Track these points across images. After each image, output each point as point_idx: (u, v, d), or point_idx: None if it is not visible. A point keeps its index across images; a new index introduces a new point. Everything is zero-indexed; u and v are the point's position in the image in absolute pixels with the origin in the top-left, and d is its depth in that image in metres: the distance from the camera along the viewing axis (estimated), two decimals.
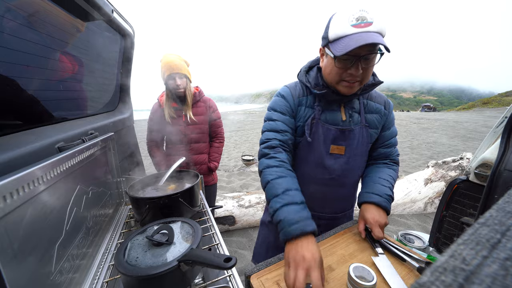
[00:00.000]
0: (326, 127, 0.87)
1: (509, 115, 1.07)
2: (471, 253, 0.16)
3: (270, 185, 0.76)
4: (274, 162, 0.81)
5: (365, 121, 0.91)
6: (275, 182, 0.76)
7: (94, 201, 0.81)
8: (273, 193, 0.74)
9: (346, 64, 0.74)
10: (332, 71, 0.79)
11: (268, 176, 0.78)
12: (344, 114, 0.88)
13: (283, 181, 0.76)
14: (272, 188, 0.75)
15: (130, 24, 1.29)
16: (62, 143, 0.78)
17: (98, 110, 1.27)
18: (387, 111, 0.95)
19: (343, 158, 0.90)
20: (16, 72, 0.69)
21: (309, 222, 0.68)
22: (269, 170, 0.79)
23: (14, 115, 0.70)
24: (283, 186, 0.75)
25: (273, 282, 0.66)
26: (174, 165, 1.10)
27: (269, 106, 0.93)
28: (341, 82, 0.79)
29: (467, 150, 5.67)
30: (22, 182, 0.44)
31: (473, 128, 10.79)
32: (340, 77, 0.78)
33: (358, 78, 0.76)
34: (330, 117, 0.87)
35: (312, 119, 0.87)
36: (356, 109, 0.90)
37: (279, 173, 0.78)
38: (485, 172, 1.22)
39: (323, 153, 0.88)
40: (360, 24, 0.69)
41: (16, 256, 0.42)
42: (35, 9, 0.72)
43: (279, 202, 0.72)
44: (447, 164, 3.06)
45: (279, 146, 0.85)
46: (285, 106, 0.89)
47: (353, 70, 0.74)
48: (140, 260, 0.58)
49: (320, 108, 0.87)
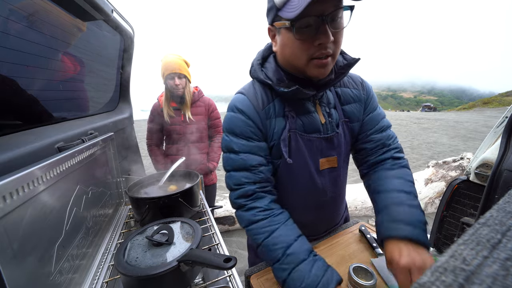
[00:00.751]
0: (306, 138, 0.66)
1: (509, 115, 1.07)
2: (471, 253, 0.16)
3: (265, 249, 0.60)
4: (257, 215, 0.62)
5: (344, 115, 0.72)
6: (269, 242, 0.59)
7: (94, 201, 0.81)
8: (273, 258, 0.58)
9: (310, 33, 0.54)
10: (295, 49, 0.57)
11: (257, 238, 0.61)
12: (322, 115, 0.68)
13: (277, 238, 0.59)
14: (268, 251, 0.59)
15: (130, 24, 1.29)
16: (62, 143, 0.78)
17: (98, 110, 1.27)
18: (365, 95, 0.75)
19: (336, 172, 0.73)
20: (16, 72, 0.69)
21: (330, 273, 0.55)
22: (255, 228, 0.61)
23: (14, 115, 0.70)
24: (281, 246, 0.58)
25: (273, 282, 0.66)
26: (174, 165, 1.10)
27: (226, 127, 0.66)
28: (311, 61, 0.57)
29: (467, 150, 5.66)
30: (22, 182, 0.44)
31: (473, 128, 10.78)
32: (308, 53, 0.56)
33: (329, 49, 0.56)
34: (307, 123, 0.66)
35: (288, 131, 0.64)
36: (331, 104, 0.70)
37: (267, 227, 0.60)
38: (486, 172, 1.21)
39: (312, 172, 0.68)
40: None
41: (16, 256, 0.42)
42: (35, 9, 0.72)
43: (285, 270, 0.56)
44: (447, 164, 3.06)
45: (256, 192, 0.63)
46: (248, 127, 0.64)
47: (322, 38, 0.53)
48: (140, 260, 0.58)
49: (293, 114, 0.65)
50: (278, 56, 0.66)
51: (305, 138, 0.66)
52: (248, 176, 0.63)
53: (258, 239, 0.61)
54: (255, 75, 0.69)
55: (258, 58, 0.70)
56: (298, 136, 0.65)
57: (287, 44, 0.59)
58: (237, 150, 0.64)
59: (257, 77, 0.68)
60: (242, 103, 0.65)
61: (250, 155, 0.63)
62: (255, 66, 0.69)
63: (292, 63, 0.62)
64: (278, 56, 0.66)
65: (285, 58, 0.63)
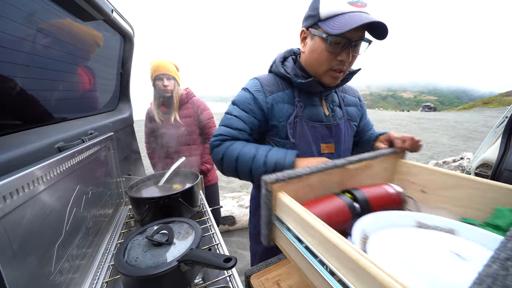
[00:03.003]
0: (311, 125, 0.79)
1: (509, 115, 1.07)
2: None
3: (241, 157, 0.72)
4: (230, 143, 0.76)
5: (347, 114, 0.87)
6: (246, 148, 0.72)
7: (94, 201, 0.81)
8: (251, 155, 0.71)
9: (338, 48, 0.66)
10: (321, 57, 0.70)
11: (233, 152, 0.73)
12: (326, 109, 0.82)
13: (250, 145, 0.74)
14: (246, 153, 0.72)
15: (130, 24, 1.29)
16: (62, 143, 0.78)
17: (98, 110, 1.27)
18: (362, 103, 0.96)
19: (334, 157, 0.81)
20: (16, 72, 0.69)
21: (289, 151, 0.70)
22: (232, 147, 0.74)
23: (14, 115, 0.70)
24: (254, 146, 0.73)
25: (273, 282, 0.66)
26: (173, 165, 1.10)
27: (233, 100, 0.83)
28: (329, 72, 0.72)
29: (467, 150, 5.66)
30: (22, 182, 0.44)
31: (473, 128, 10.78)
32: (329, 64, 0.70)
33: (345, 67, 0.71)
34: (313, 113, 0.79)
35: (294, 117, 0.77)
36: (336, 103, 0.85)
37: (241, 144, 0.75)
38: (486, 172, 1.21)
39: (314, 154, 0.80)
40: (357, 3, 0.62)
41: (15, 256, 0.42)
42: (34, 9, 0.72)
43: (262, 156, 0.70)
44: (447, 164, 3.06)
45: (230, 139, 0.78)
46: (248, 105, 0.78)
47: (344, 56, 0.67)
48: (140, 260, 0.58)
49: (302, 104, 0.78)
50: (303, 56, 0.78)
51: (310, 125, 0.79)
52: (229, 132, 0.77)
53: (235, 151, 0.73)
54: (275, 70, 0.83)
55: (280, 57, 0.84)
56: (304, 123, 0.78)
57: (315, 50, 0.71)
58: (234, 115, 0.79)
59: (277, 71, 0.81)
60: (252, 85, 0.81)
61: (241, 122, 0.78)
62: (277, 63, 0.83)
63: (313, 66, 0.75)
64: (303, 56, 0.78)
65: (309, 60, 0.76)
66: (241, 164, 0.72)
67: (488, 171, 1.20)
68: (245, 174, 0.74)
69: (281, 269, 0.71)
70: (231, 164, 0.74)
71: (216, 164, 0.80)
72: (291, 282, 0.66)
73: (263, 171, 0.68)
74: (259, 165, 0.69)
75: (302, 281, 0.66)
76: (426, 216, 0.52)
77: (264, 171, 0.68)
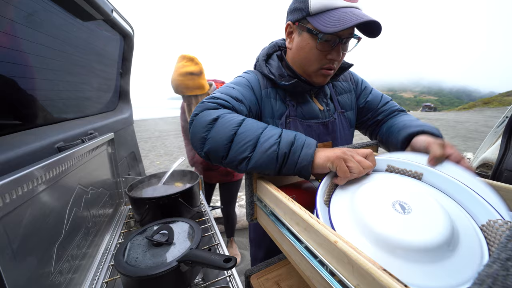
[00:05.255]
0: (306, 124, 0.72)
1: (509, 115, 1.07)
2: None
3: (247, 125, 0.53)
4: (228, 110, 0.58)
5: (340, 106, 0.80)
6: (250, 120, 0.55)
7: (94, 201, 0.81)
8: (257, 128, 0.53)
9: (328, 46, 0.61)
10: (311, 55, 0.64)
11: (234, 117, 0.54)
12: (320, 104, 0.76)
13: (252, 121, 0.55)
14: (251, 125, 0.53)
15: (130, 24, 1.30)
16: (61, 143, 0.78)
17: (98, 110, 1.27)
18: (354, 85, 0.84)
19: None
20: (16, 72, 0.69)
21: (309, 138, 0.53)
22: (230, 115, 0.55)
23: (14, 115, 0.70)
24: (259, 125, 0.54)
25: (273, 282, 0.66)
26: (173, 165, 1.10)
27: (230, 82, 0.73)
28: (319, 70, 0.66)
29: (467, 150, 5.65)
30: (22, 182, 0.44)
31: (473, 128, 10.77)
32: (320, 63, 0.64)
33: (335, 64, 0.65)
34: (306, 111, 0.72)
35: (286, 117, 0.71)
36: (328, 95, 0.78)
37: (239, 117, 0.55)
38: (486, 172, 1.21)
39: None
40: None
41: (15, 256, 0.42)
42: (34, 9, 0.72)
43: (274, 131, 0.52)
44: None
45: (231, 109, 0.60)
46: (248, 88, 0.70)
47: (334, 55, 0.62)
48: (139, 261, 0.58)
49: (294, 103, 0.72)
50: (290, 53, 0.71)
51: (305, 124, 0.72)
52: (231, 101, 0.61)
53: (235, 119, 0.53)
54: (260, 69, 0.75)
55: (263, 55, 0.76)
56: (298, 122, 0.72)
57: (304, 48, 0.65)
58: (233, 87, 0.68)
59: (261, 71, 0.74)
60: (248, 75, 0.74)
61: (240, 94, 0.66)
62: (260, 61, 0.75)
63: (302, 65, 0.68)
64: (290, 53, 0.71)
65: (296, 58, 0.69)
66: (243, 134, 0.52)
67: (488, 171, 1.20)
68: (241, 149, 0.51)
69: (281, 269, 0.71)
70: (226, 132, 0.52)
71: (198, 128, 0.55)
72: (291, 282, 0.66)
73: (273, 149, 0.49)
74: (271, 140, 0.50)
75: (302, 281, 0.66)
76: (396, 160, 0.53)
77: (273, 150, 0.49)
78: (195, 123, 0.57)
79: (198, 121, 0.57)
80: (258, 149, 0.50)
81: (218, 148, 0.53)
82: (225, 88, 0.67)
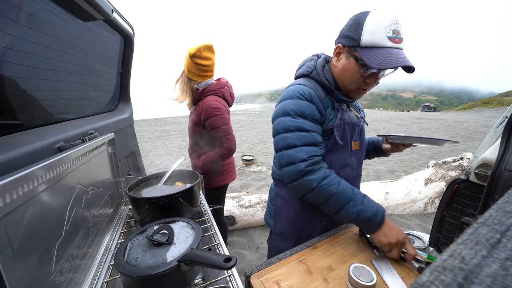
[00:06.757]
0: (351, 125, 0.88)
1: (509, 115, 1.07)
2: (470, 253, 0.16)
3: (338, 195, 0.73)
4: (327, 172, 0.76)
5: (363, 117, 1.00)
6: (341, 189, 0.74)
7: (94, 201, 0.81)
8: (346, 199, 0.73)
9: (369, 75, 0.75)
10: (353, 78, 0.77)
11: (331, 188, 0.73)
12: (356, 112, 0.93)
13: (344, 184, 0.75)
14: (342, 194, 0.73)
15: (130, 24, 1.29)
16: (62, 143, 0.78)
17: (98, 110, 1.27)
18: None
19: (359, 154, 0.93)
20: (17, 72, 0.69)
21: (380, 207, 0.75)
22: (328, 181, 0.74)
23: (14, 115, 0.70)
24: (349, 189, 0.74)
25: (273, 282, 0.66)
26: (173, 165, 1.10)
27: (294, 110, 0.78)
28: (357, 90, 0.81)
29: (467, 150, 5.66)
30: (22, 182, 0.44)
31: (473, 128, 10.78)
32: (358, 84, 0.78)
33: (370, 87, 0.81)
34: (350, 116, 0.89)
35: (340, 119, 0.83)
36: (357, 107, 0.97)
37: (336, 179, 0.75)
38: (486, 172, 1.21)
39: (348, 151, 0.88)
40: (395, 38, 0.67)
41: (16, 256, 0.42)
42: (34, 9, 0.72)
43: (358, 204, 0.73)
44: (447, 164, 3.06)
45: (321, 160, 0.78)
46: (316, 112, 0.79)
47: (372, 80, 0.76)
48: (140, 260, 0.58)
49: (341, 108, 0.86)
50: (335, 70, 0.82)
51: (350, 125, 0.87)
52: (317, 151, 0.77)
53: (332, 189, 0.73)
54: (316, 77, 0.84)
55: (322, 65, 0.85)
56: (346, 124, 0.85)
57: (349, 70, 0.77)
58: (309, 130, 0.77)
59: (319, 79, 0.83)
60: (308, 93, 0.79)
61: (317, 136, 0.79)
62: (319, 70, 0.84)
63: (344, 83, 0.82)
64: (335, 70, 0.82)
65: (340, 76, 0.81)
66: (334, 203, 0.74)
67: (488, 171, 1.20)
68: (330, 210, 0.76)
69: (281, 269, 0.71)
70: (322, 198, 0.75)
71: (300, 191, 0.77)
72: (291, 282, 0.66)
73: (352, 217, 0.73)
74: (352, 212, 0.73)
75: (302, 281, 0.66)
76: None
77: (353, 218, 0.73)
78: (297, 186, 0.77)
79: (299, 187, 0.77)
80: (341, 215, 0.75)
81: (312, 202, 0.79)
82: (306, 137, 0.76)
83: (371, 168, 4.76)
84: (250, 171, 4.60)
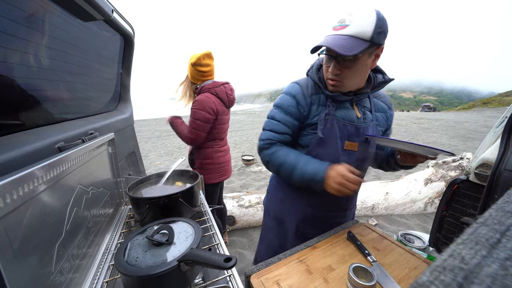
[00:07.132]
0: (342, 123, 0.87)
1: (509, 115, 1.07)
2: (470, 253, 0.16)
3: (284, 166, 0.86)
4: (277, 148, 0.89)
5: (376, 119, 0.94)
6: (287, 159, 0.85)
7: (94, 201, 0.81)
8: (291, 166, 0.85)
9: (329, 62, 0.81)
10: (324, 69, 0.86)
11: (277, 159, 0.87)
12: (358, 112, 0.90)
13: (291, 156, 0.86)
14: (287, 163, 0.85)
15: (130, 24, 1.30)
16: (62, 143, 0.78)
17: (98, 110, 1.27)
18: (391, 112, 0.99)
19: (355, 155, 0.91)
20: (17, 72, 0.69)
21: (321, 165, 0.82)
22: (276, 155, 0.88)
23: (14, 115, 0.70)
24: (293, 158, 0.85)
25: (273, 282, 0.66)
26: (174, 165, 1.10)
27: (276, 103, 0.93)
28: (327, 80, 0.85)
29: (467, 150, 5.66)
30: (22, 182, 0.44)
31: (473, 128, 10.78)
32: (326, 75, 0.84)
33: (338, 78, 0.80)
34: (345, 114, 0.88)
35: (325, 115, 0.86)
36: (367, 108, 0.92)
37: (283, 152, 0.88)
38: (485, 172, 1.21)
39: (338, 149, 0.88)
40: (337, 26, 0.74)
41: (16, 256, 0.42)
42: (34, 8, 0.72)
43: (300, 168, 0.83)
44: (447, 164, 3.06)
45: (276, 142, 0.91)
46: (292, 107, 0.88)
47: (330, 69, 0.81)
48: (140, 260, 0.58)
49: (334, 105, 0.87)
50: None
51: (341, 123, 0.87)
52: (275, 136, 0.90)
53: (279, 161, 0.87)
54: (311, 76, 0.91)
55: (317, 64, 0.92)
56: (335, 121, 0.86)
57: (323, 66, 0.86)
58: (278, 120, 0.90)
59: (312, 77, 0.90)
60: (295, 90, 0.89)
61: (283, 126, 0.89)
62: (314, 69, 0.91)
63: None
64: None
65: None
66: (283, 171, 0.88)
67: (487, 171, 1.20)
68: (286, 178, 0.90)
69: (281, 268, 0.71)
70: (275, 169, 0.90)
71: (263, 163, 0.95)
72: (291, 282, 0.66)
73: (300, 181, 0.84)
74: (298, 176, 0.84)
75: (302, 281, 0.67)
76: None
77: (301, 181, 0.84)
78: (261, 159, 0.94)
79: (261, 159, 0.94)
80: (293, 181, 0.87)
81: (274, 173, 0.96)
82: (272, 125, 0.91)
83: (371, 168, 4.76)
84: (250, 171, 4.60)
